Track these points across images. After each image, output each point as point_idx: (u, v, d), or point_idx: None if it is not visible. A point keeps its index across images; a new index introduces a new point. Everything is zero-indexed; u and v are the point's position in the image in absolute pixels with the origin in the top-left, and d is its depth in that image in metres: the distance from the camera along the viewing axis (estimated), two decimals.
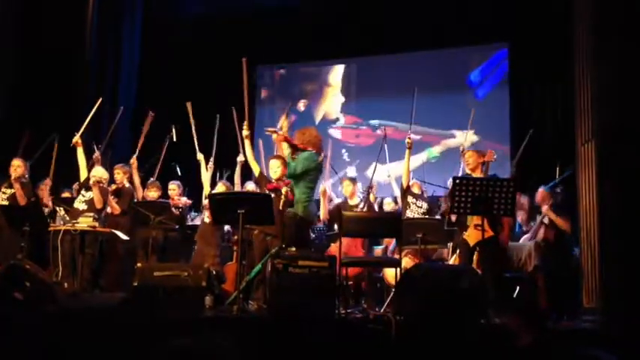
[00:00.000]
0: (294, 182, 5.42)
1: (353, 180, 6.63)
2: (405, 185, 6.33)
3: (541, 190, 6.06)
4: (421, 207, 6.40)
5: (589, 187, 4.90)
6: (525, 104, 8.90)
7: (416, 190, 6.56)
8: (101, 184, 6.31)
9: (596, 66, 4.79)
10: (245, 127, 5.79)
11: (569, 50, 5.44)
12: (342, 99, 10.39)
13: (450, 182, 6.06)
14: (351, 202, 6.42)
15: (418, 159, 8.81)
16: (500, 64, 9.36)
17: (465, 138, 7.11)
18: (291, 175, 5.43)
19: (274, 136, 5.68)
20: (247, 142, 5.79)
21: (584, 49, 5.07)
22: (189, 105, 6.93)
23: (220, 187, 6.50)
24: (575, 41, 5.29)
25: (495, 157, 5.38)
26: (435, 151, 9.49)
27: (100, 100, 7.08)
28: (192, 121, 6.90)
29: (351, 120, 10.31)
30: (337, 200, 6.96)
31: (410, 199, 6.43)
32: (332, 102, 10.45)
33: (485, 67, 9.49)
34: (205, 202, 6.30)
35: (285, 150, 5.68)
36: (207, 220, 6.27)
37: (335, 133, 10.24)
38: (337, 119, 10.36)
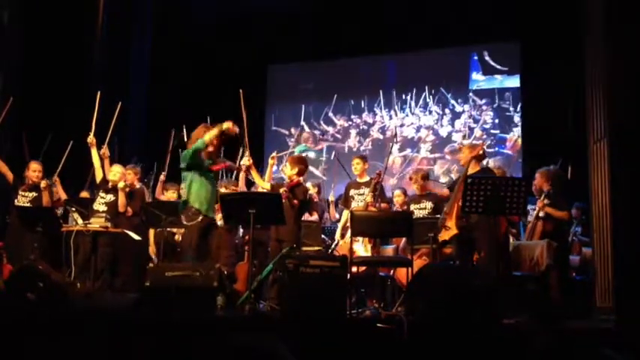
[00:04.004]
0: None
1: (363, 158, 6.62)
2: None
3: (539, 173, 5.96)
4: (425, 208, 6.35)
5: (602, 187, 4.85)
6: (537, 102, 8.86)
7: (417, 191, 6.55)
8: (127, 189, 6.36)
9: (609, 64, 4.75)
10: (247, 155, 5.85)
11: (582, 48, 5.40)
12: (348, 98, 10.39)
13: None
14: (360, 180, 6.44)
15: None
16: None
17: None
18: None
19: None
20: (252, 171, 5.90)
21: (597, 47, 5.02)
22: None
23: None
24: (588, 39, 5.25)
25: (483, 150, 5.34)
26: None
27: (99, 93, 6.97)
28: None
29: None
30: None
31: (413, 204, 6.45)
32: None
33: None
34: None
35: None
36: (219, 222, 6.25)
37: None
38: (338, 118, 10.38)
